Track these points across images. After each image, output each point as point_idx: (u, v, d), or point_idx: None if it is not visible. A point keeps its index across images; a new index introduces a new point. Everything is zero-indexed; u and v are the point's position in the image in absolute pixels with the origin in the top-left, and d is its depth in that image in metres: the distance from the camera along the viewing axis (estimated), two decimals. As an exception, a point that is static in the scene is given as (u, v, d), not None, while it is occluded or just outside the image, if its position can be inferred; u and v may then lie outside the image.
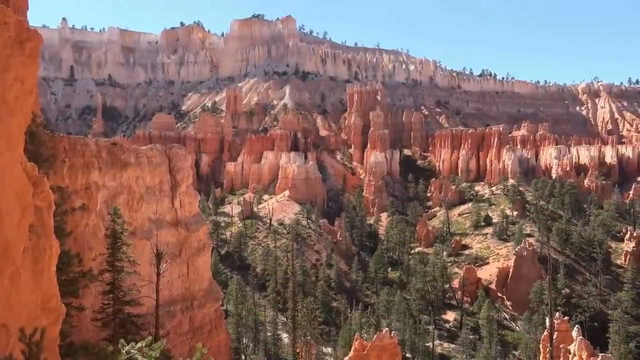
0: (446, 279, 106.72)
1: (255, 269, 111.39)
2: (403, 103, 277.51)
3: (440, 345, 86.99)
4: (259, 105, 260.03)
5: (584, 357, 33.81)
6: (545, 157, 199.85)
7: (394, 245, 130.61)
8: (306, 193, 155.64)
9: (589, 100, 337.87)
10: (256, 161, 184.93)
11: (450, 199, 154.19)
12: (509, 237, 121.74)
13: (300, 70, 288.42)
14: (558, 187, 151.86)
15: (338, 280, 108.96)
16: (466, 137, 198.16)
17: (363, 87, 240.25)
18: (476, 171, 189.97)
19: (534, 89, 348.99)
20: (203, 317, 34.57)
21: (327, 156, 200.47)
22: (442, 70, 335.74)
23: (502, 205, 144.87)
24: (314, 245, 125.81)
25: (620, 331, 76.19)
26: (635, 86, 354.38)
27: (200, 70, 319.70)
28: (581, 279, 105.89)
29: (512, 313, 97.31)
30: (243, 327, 72.80)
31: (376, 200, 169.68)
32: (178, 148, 35.56)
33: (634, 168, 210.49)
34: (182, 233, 33.64)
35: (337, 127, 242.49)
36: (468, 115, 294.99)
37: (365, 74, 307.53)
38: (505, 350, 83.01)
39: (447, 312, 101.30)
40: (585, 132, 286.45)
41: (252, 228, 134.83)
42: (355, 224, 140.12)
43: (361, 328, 76.72)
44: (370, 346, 45.94)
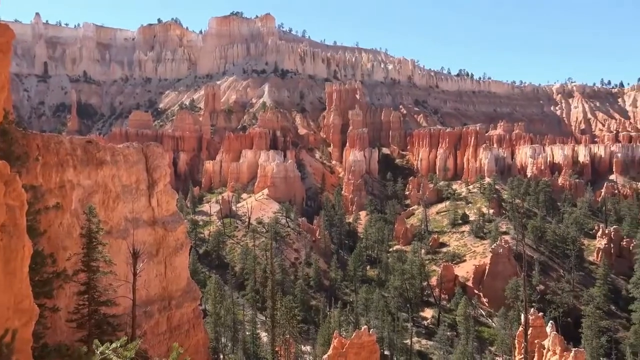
0: (424, 276, 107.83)
1: (234, 268, 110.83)
2: (382, 102, 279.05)
3: (419, 342, 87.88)
4: (237, 103, 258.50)
5: (557, 352, 34.52)
6: (520, 156, 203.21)
7: (372, 243, 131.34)
8: (285, 192, 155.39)
9: (563, 100, 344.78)
10: (235, 160, 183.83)
11: (428, 197, 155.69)
12: (485, 235, 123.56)
13: (279, 68, 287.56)
14: (533, 186, 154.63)
15: (317, 279, 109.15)
16: (444, 136, 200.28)
17: (342, 86, 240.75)
18: (454, 170, 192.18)
19: (509, 89, 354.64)
20: (181, 317, 34.24)
21: (306, 155, 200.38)
22: (420, 69, 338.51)
23: (478, 203, 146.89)
24: (293, 244, 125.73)
25: (592, 326, 78.04)
26: (607, 87, 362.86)
27: (178, 68, 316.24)
28: (555, 275, 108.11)
29: (488, 309, 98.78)
30: (222, 326, 72.36)
31: (355, 198, 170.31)
32: (155, 146, 35.11)
33: (606, 167, 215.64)
34: (160, 232, 33.25)
35: (316, 126, 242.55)
36: (446, 115, 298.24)
37: (344, 72, 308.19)
38: (482, 346, 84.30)
39: (425, 309, 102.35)
40: (559, 132, 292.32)
41: (230, 227, 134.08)
42: (334, 222, 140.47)
43: (340, 326, 77.08)
44: (349, 344, 46.16)
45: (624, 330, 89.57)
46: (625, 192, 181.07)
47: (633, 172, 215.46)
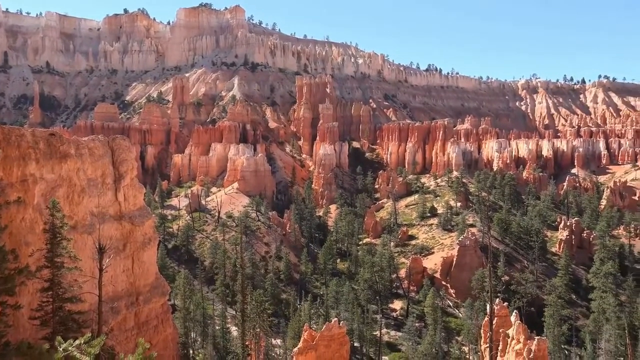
0: (393, 269, 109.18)
1: (204, 263, 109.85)
2: (352, 96, 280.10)
3: (388, 333, 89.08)
4: (206, 96, 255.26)
5: (521, 341, 35.56)
6: (487, 150, 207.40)
7: (342, 236, 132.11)
8: (255, 185, 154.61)
9: (527, 96, 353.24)
10: (204, 153, 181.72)
11: (397, 190, 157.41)
12: (453, 228, 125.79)
13: (249, 61, 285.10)
14: (499, 179, 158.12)
15: (287, 272, 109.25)
16: (413, 130, 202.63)
17: (312, 79, 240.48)
18: (422, 163, 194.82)
19: (477, 84, 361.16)
20: (149, 313, 33.84)
21: (277, 148, 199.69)
22: (390, 64, 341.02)
23: (446, 196, 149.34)
24: (263, 238, 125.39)
25: (554, 315, 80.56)
26: (570, 83, 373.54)
27: (145, 60, 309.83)
28: (519, 266, 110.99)
29: (455, 300, 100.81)
30: (191, 321, 71.71)
31: (325, 192, 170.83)
32: (122, 139, 34.43)
33: (568, 161, 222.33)
34: (127, 227, 32.70)
35: (286, 119, 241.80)
36: (415, 109, 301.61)
37: (314, 66, 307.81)
38: (449, 336, 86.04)
39: (394, 301, 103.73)
40: (524, 127, 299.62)
41: (200, 221, 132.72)
42: (304, 216, 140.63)
43: (310, 319, 77.43)
44: (319, 336, 46.47)
45: (584, 319, 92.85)
46: (586, 185, 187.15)
47: (593, 166, 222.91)
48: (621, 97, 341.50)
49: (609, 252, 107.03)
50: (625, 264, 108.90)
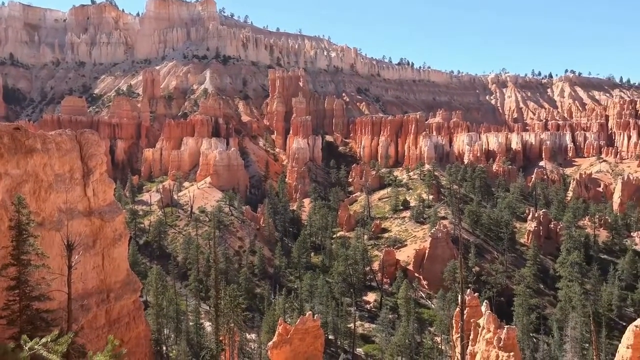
0: (367, 261, 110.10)
1: (176, 258, 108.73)
2: (325, 89, 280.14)
3: (362, 325, 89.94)
4: (178, 89, 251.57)
5: (491, 330, 36.37)
6: (458, 143, 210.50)
7: (316, 230, 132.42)
8: (228, 180, 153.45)
9: (497, 90, 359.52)
10: (176, 147, 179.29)
11: (370, 184, 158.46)
12: (425, 220, 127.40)
13: (221, 54, 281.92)
14: (470, 172, 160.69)
15: (261, 267, 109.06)
16: (385, 124, 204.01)
17: (285, 73, 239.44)
18: (395, 157, 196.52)
19: (448, 78, 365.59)
20: (120, 310, 33.37)
21: (250, 142, 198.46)
22: (362, 58, 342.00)
23: (419, 189, 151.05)
24: (236, 232, 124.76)
25: (523, 304, 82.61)
26: (538, 77, 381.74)
27: (114, 52, 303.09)
28: (490, 257, 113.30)
29: (428, 292, 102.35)
30: (164, 317, 70.99)
31: (299, 186, 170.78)
32: (90, 133, 33.70)
33: (536, 154, 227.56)
34: (96, 223, 32.10)
35: (259, 113, 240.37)
36: (387, 103, 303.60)
37: (287, 59, 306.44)
38: (422, 327, 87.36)
39: (367, 293, 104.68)
40: (494, 120, 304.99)
41: (172, 216, 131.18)
42: (278, 210, 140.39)
43: (285, 313, 77.56)
44: (294, 330, 46.59)
45: (551, 307, 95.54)
46: (553, 178, 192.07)
47: (560, 159, 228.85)
48: (586, 92, 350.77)
49: (575, 242, 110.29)
50: (590, 254, 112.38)
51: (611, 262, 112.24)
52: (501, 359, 34.59)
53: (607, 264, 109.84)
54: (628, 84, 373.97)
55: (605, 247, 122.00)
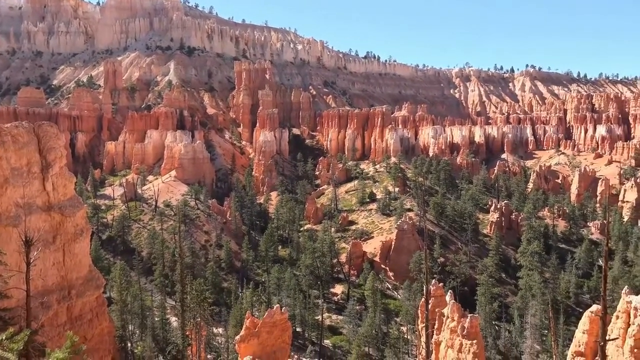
0: (334, 254, 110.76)
1: (141, 253, 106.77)
2: (291, 82, 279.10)
3: (329, 317, 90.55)
4: (141, 81, 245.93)
5: (455, 319, 37.24)
6: (423, 136, 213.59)
7: (284, 223, 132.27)
8: (194, 173, 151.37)
9: (461, 84, 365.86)
10: (139, 140, 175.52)
11: (337, 177, 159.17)
12: (391, 212, 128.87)
13: (186, 45, 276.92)
14: (434, 165, 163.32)
15: (228, 261, 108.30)
16: (352, 117, 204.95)
17: (251, 65, 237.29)
18: (362, 150, 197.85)
19: (413, 72, 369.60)
20: (83, 306, 32.62)
21: (215, 135, 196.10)
22: (329, 50, 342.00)
23: (385, 182, 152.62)
24: (203, 226, 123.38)
25: (486, 293, 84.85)
26: (500, 72, 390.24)
27: (74, 41, 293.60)
28: (454, 248, 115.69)
29: (394, 283, 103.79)
30: (128, 313, 69.64)
31: (266, 179, 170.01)
32: (49, 126, 32.65)
33: (498, 147, 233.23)
34: (56, 218, 31.20)
35: (225, 106, 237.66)
36: (354, 96, 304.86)
37: (253, 51, 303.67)
38: (388, 318, 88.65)
39: (335, 285, 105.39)
40: (458, 113, 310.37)
41: (136, 211, 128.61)
42: (245, 203, 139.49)
43: (252, 306, 77.35)
44: (261, 323, 46.52)
45: (512, 296, 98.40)
46: (514, 170, 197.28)
47: (521, 151, 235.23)
48: (546, 86, 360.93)
49: (535, 233, 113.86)
50: (549, 243, 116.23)
51: (569, 251, 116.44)
52: (465, 346, 35.49)
53: (565, 253, 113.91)
54: (585, 79, 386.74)
55: (564, 237, 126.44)
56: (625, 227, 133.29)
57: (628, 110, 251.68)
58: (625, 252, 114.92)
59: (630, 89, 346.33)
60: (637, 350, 35.24)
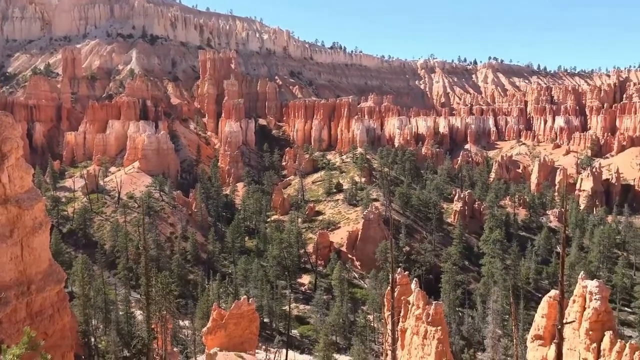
0: (301, 244, 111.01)
1: (104, 246, 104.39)
2: (257, 72, 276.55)
3: (297, 307, 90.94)
4: (101, 69, 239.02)
5: (420, 306, 37.97)
6: (389, 127, 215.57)
7: (250, 214, 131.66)
8: (158, 164, 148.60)
9: (426, 75, 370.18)
10: (100, 131, 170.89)
11: (304, 167, 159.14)
12: (358, 202, 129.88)
13: (148, 33, 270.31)
14: (400, 155, 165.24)
15: (194, 253, 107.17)
16: (319, 107, 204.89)
17: (216, 54, 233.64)
18: (328, 140, 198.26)
19: (379, 63, 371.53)
20: (43, 302, 31.66)
21: (180, 125, 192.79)
22: (295, 41, 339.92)
23: (351, 172, 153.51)
24: (168, 218, 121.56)
25: (450, 281, 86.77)
26: (464, 64, 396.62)
27: (29, 28, 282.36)
28: (419, 237, 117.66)
29: (360, 272, 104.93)
30: (92, 308, 68.09)
31: (232, 170, 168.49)
32: (3, 115, 31.31)
33: (462, 137, 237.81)
34: (13, 211, 30.10)
35: (189, 96, 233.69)
36: (320, 86, 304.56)
37: (218, 41, 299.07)
38: (355, 306, 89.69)
39: (302, 275, 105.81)
40: (423, 104, 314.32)
41: (98, 203, 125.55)
42: (210, 194, 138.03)
43: (219, 298, 76.97)
44: (228, 314, 46.35)
45: (475, 282, 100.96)
46: (477, 160, 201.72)
47: (484, 142, 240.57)
48: (508, 78, 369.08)
49: (497, 221, 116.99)
50: (510, 231, 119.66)
51: (529, 238, 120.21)
52: (429, 333, 36.28)
53: (526, 240, 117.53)
54: (545, 71, 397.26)
55: (524, 225, 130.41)
56: (581, 214, 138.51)
57: (585, 102, 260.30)
58: (581, 239, 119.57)
59: (587, 81, 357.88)
60: (593, 333, 36.73)
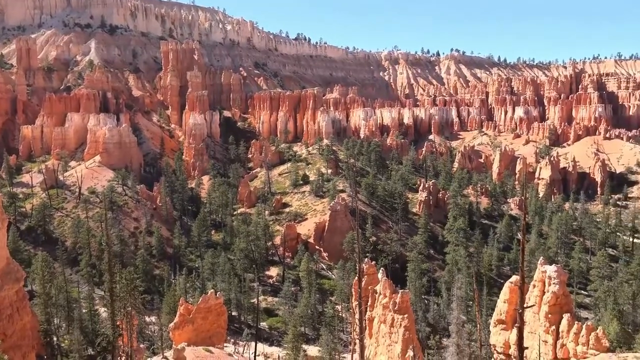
0: (268, 237, 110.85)
1: (65, 243, 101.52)
2: (221, 64, 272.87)
3: (265, 299, 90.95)
4: (58, 60, 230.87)
5: (387, 295, 38.62)
6: (354, 118, 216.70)
7: (216, 207, 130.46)
8: (120, 158, 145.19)
9: (390, 66, 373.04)
10: (59, 124, 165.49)
11: (270, 159, 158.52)
12: (324, 194, 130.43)
13: (107, 23, 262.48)
14: (366, 146, 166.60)
15: (160, 247, 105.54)
16: (284, 99, 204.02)
17: (179, 45, 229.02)
18: (294, 132, 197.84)
19: (344, 54, 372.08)
20: (1, 301, 30.74)
21: (142, 118, 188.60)
22: (259, 31, 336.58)
23: (318, 164, 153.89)
24: (131, 213, 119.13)
25: (415, 269, 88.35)
26: (427, 55, 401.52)
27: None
28: (385, 227, 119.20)
29: (328, 263, 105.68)
30: (53, 306, 66.33)
31: (197, 163, 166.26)
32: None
33: (426, 128, 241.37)
34: (-32, 208, 29.04)
35: (152, 87, 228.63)
36: (285, 78, 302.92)
37: (180, 31, 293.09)
38: (323, 297, 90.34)
39: (270, 268, 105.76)
40: (387, 96, 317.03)
41: (58, 198, 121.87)
42: (175, 188, 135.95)
43: (186, 292, 76.16)
44: (196, 309, 45.99)
45: (440, 270, 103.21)
46: (441, 150, 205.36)
47: (447, 132, 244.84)
48: (470, 69, 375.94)
49: (460, 210, 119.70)
50: (473, 220, 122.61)
51: (491, 226, 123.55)
52: (396, 321, 36.97)
53: (488, 228, 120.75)
54: (505, 62, 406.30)
55: (486, 213, 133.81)
56: (540, 202, 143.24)
57: (543, 93, 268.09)
58: (540, 226, 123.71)
59: (545, 72, 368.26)
60: (552, 316, 38.12)
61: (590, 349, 34.52)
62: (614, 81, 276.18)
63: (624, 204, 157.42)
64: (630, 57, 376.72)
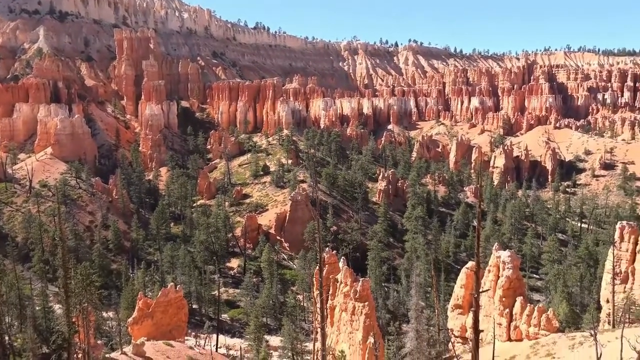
0: (229, 228, 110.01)
1: (15, 239, 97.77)
2: (178, 53, 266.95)
3: (226, 291, 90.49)
4: (4, 48, 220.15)
5: (348, 283, 39.19)
6: (314, 108, 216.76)
7: (175, 199, 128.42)
8: (73, 150, 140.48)
9: (349, 56, 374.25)
10: (6, 115, 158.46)
11: (230, 150, 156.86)
12: (285, 184, 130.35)
13: (57, 9, 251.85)
14: (326, 136, 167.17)
15: (117, 241, 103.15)
16: (243, 89, 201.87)
17: (133, 33, 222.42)
18: (254, 122, 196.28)
19: (303, 44, 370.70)
20: (-52, 301, 29.45)
21: (96, 108, 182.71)
22: (217, 20, 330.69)
23: (278, 154, 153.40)
24: (86, 207, 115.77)
25: (375, 257, 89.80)
26: (386, 46, 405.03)
27: None
28: (346, 216, 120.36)
29: (289, 253, 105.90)
30: (4, 305, 63.85)
31: (154, 154, 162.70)
32: None
33: (385, 118, 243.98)
34: None
35: (105, 77, 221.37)
36: (244, 68, 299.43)
37: (135, 19, 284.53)
38: (285, 287, 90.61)
39: (231, 259, 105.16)
40: (347, 86, 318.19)
41: (7, 192, 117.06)
42: (132, 180, 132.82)
43: (145, 287, 74.84)
44: (155, 303, 45.40)
45: (399, 258, 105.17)
46: (400, 140, 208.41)
47: (406, 122, 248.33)
48: (427, 60, 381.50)
49: (419, 198, 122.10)
50: (431, 208, 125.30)
51: (448, 214, 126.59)
52: (357, 309, 37.60)
53: (445, 216, 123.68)
54: (461, 54, 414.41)
55: (444, 201, 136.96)
56: (495, 190, 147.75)
57: (497, 83, 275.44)
58: (495, 213, 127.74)
59: (499, 64, 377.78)
60: (505, 299, 39.58)
61: (542, 330, 36.14)
62: (563, 72, 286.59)
63: (573, 191, 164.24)
64: (578, 50, 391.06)
